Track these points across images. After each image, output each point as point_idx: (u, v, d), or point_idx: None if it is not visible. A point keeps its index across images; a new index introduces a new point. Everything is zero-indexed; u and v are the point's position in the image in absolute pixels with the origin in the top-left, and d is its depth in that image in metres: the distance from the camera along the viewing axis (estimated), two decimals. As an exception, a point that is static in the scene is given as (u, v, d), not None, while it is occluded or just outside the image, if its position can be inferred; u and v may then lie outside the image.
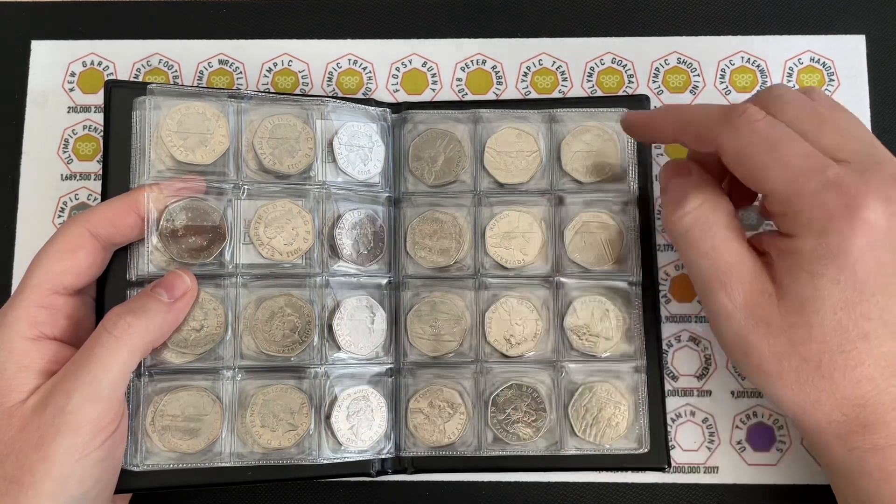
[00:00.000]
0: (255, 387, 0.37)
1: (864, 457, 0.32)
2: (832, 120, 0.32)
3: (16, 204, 0.43)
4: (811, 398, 0.32)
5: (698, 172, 0.35)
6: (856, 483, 0.32)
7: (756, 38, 0.44)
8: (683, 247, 0.34)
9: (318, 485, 0.40)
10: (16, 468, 0.31)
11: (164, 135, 0.37)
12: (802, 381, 0.32)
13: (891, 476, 0.31)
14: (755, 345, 0.32)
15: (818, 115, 0.32)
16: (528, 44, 0.44)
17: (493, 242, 0.39)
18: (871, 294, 0.31)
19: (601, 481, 0.40)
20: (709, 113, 0.33)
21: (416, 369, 0.39)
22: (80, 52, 0.44)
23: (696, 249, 0.33)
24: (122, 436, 0.34)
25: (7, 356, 0.33)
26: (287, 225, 0.37)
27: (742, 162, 0.32)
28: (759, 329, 0.32)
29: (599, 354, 0.39)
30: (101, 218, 0.35)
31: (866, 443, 0.32)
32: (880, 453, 0.31)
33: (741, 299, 0.32)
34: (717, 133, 0.32)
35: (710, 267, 0.33)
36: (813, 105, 0.33)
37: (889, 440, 0.31)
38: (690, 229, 0.33)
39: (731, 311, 0.32)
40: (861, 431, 0.32)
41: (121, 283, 0.36)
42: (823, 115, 0.32)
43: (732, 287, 0.32)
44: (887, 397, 0.31)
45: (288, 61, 0.44)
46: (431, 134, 0.40)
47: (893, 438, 0.31)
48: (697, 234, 0.33)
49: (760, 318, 0.32)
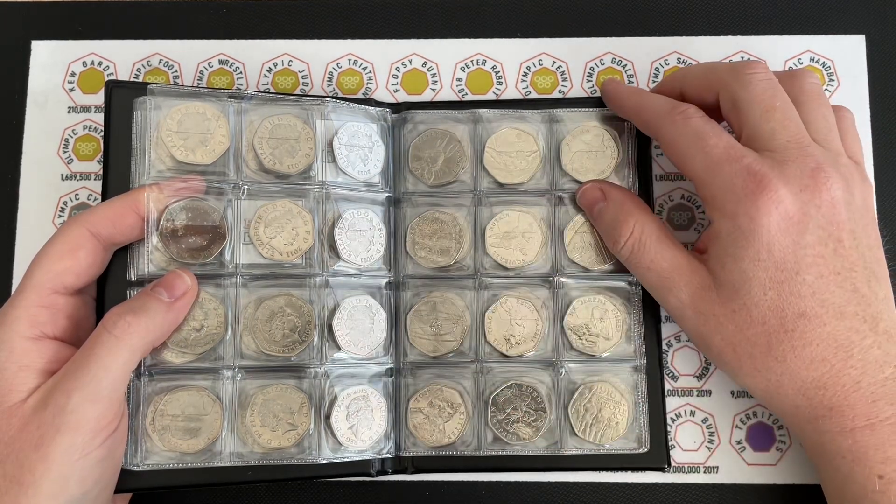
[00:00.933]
0: (255, 387, 0.37)
1: (834, 440, 0.33)
2: (782, 111, 0.34)
3: (16, 204, 0.43)
4: (772, 384, 0.34)
5: (610, 190, 0.38)
6: (832, 464, 0.34)
7: (756, 38, 0.44)
8: (631, 269, 0.37)
9: (318, 485, 0.41)
10: (16, 467, 0.31)
11: (164, 135, 0.37)
12: (759, 367, 0.34)
13: (863, 456, 0.32)
14: (709, 336, 0.35)
15: (770, 103, 0.34)
16: (528, 44, 0.44)
17: (492, 242, 0.39)
18: (794, 272, 0.33)
19: (601, 481, 0.40)
20: (658, 105, 0.37)
21: (416, 369, 0.39)
22: (80, 52, 0.44)
23: (640, 267, 0.36)
24: (123, 435, 0.34)
25: (7, 355, 0.33)
26: (287, 225, 0.37)
27: (673, 150, 0.36)
28: (709, 322, 0.34)
29: (599, 354, 0.39)
30: (101, 218, 0.35)
31: (834, 426, 0.33)
32: (849, 435, 0.33)
33: (687, 298, 0.35)
34: (658, 124, 0.36)
35: (655, 277, 0.36)
36: (773, 93, 0.35)
37: (856, 422, 0.32)
38: (630, 254, 0.37)
39: (682, 310, 0.35)
40: (827, 415, 0.33)
41: (121, 282, 0.36)
42: (774, 105, 0.34)
43: (678, 288, 0.35)
44: (846, 379, 0.33)
45: (288, 61, 0.44)
46: (431, 134, 0.40)
47: (861, 420, 0.32)
48: (637, 256, 0.36)
49: (707, 311, 0.34)
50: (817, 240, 0.33)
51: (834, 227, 0.33)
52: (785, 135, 0.34)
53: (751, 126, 0.34)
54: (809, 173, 0.33)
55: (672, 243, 0.36)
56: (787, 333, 0.33)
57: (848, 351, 0.33)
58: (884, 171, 0.42)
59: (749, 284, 0.33)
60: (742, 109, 0.35)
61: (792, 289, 0.33)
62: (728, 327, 0.34)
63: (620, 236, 0.37)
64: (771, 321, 0.33)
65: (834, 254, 0.33)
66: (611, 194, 0.38)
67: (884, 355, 0.33)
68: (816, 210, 0.33)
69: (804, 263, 0.33)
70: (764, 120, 0.34)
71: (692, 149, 0.34)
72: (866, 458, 0.32)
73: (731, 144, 0.34)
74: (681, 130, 0.35)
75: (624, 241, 0.37)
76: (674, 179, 0.43)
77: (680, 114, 0.35)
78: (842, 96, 0.43)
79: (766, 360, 0.33)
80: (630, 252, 0.37)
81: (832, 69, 0.44)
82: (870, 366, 0.33)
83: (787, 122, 0.34)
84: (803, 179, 0.33)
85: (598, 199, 0.38)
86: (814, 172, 0.33)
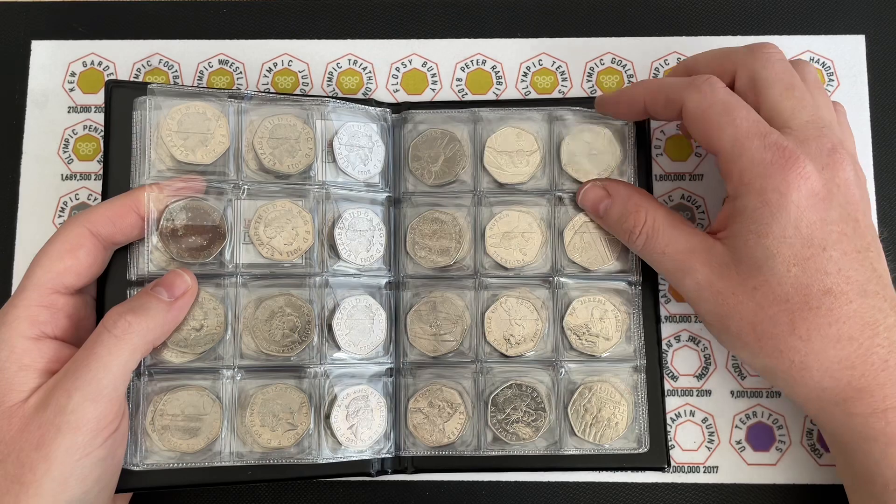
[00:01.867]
0: (255, 386, 0.37)
1: (866, 422, 0.32)
2: (800, 90, 0.34)
3: (16, 204, 0.43)
4: (796, 365, 0.33)
5: (613, 186, 0.38)
6: (862, 448, 0.33)
7: (756, 38, 0.44)
8: (646, 258, 0.37)
9: (317, 484, 0.41)
10: (17, 467, 0.31)
11: (164, 135, 0.37)
12: (782, 348, 0.33)
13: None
14: (729, 316, 0.34)
15: (790, 81, 0.34)
16: (528, 44, 0.44)
17: (492, 242, 0.39)
18: (820, 248, 0.32)
19: (601, 481, 0.40)
20: (677, 80, 0.36)
21: (416, 369, 0.39)
22: (80, 52, 0.44)
23: (655, 253, 0.36)
24: (123, 435, 0.34)
25: (8, 355, 0.33)
26: (287, 225, 0.37)
27: (700, 121, 0.35)
28: (728, 300, 0.34)
29: (599, 354, 0.39)
30: (101, 217, 0.35)
31: (865, 408, 0.32)
32: (882, 416, 0.32)
33: (704, 277, 0.34)
34: (683, 96, 0.35)
35: (671, 261, 0.36)
36: (791, 73, 0.35)
37: (888, 402, 0.32)
38: (644, 244, 0.37)
39: (700, 291, 0.35)
40: (857, 396, 0.32)
41: (121, 282, 0.36)
42: (794, 83, 0.35)
43: (694, 269, 0.35)
44: (875, 358, 0.32)
45: (288, 61, 0.44)
46: (431, 134, 0.40)
47: (893, 400, 0.32)
48: (652, 243, 0.36)
49: (726, 289, 0.34)
50: (840, 217, 0.33)
51: (851, 207, 0.33)
52: (805, 114, 0.34)
53: (771, 103, 0.34)
54: (828, 152, 0.33)
55: (685, 226, 0.36)
56: (811, 311, 0.32)
57: (874, 329, 0.32)
58: (884, 171, 0.42)
59: (773, 261, 0.32)
60: (762, 88, 0.35)
61: (818, 265, 0.32)
62: (748, 305, 0.33)
63: (634, 226, 0.37)
64: (794, 298, 0.32)
65: (854, 232, 0.33)
66: (615, 190, 0.38)
67: None
68: (837, 189, 0.33)
69: (830, 240, 0.32)
70: (785, 98, 0.34)
71: (721, 120, 0.34)
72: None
73: (759, 119, 0.34)
74: (709, 100, 0.34)
75: (639, 231, 0.36)
76: (674, 179, 0.43)
77: (706, 82, 0.35)
78: (842, 96, 0.43)
79: (789, 339, 0.33)
80: (645, 241, 0.36)
81: (832, 69, 0.44)
82: (895, 345, 0.32)
83: (805, 102, 0.34)
84: (823, 158, 0.33)
85: (602, 197, 0.38)
86: (831, 152, 0.33)
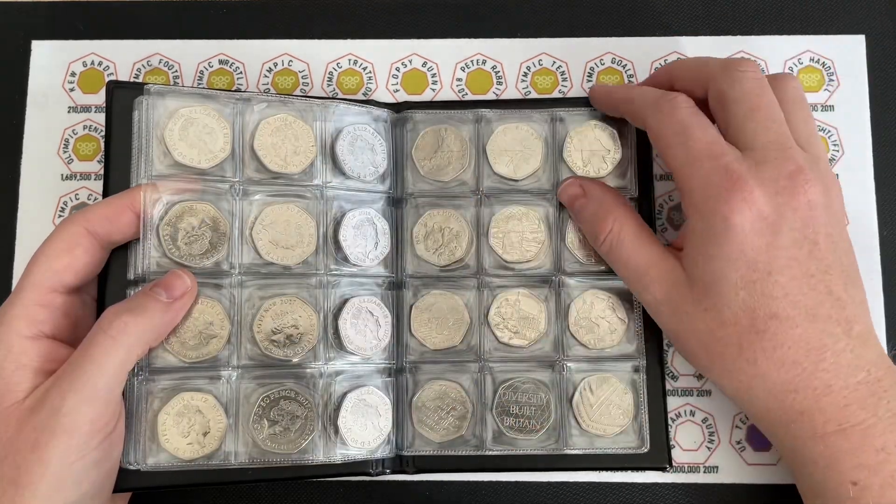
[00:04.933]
0: (255, 387, 0.37)
1: (806, 445, 0.33)
2: (767, 110, 0.34)
3: (16, 204, 0.43)
4: (743, 385, 0.33)
5: (589, 187, 0.38)
6: (805, 471, 0.33)
7: (756, 38, 0.44)
8: (610, 264, 0.38)
9: (317, 484, 0.40)
10: (13, 469, 0.31)
11: (164, 135, 0.37)
12: (731, 369, 0.33)
13: (836, 462, 0.32)
14: (683, 333, 0.34)
15: (755, 102, 0.34)
16: (528, 44, 0.44)
17: (494, 241, 0.39)
18: (766, 273, 0.32)
19: (601, 481, 0.40)
20: (647, 95, 0.36)
21: (417, 368, 0.39)
22: (80, 52, 0.44)
23: (618, 262, 0.37)
24: (120, 436, 0.34)
25: (5, 354, 0.33)
26: (288, 225, 0.37)
27: (658, 140, 0.35)
28: (682, 319, 0.34)
29: (601, 354, 0.39)
30: (97, 216, 0.35)
31: (806, 431, 0.32)
32: (821, 440, 0.32)
33: (661, 294, 0.35)
34: (646, 113, 0.36)
35: (632, 273, 0.36)
36: (761, 93, 0.34)
37: (828, 427, 0.32)
38: (609, 250, 0.37)
39: (657, 307, 0.35)
40: (798, 419, 0.32)
41: (121, 282, 0.36)
42: (760, 104, 0.34)
43: (652, 284, 0.35)
44: (818, 382, 0.32)
45: (288, 61, 0.44)
46: (431, 134, 0.40)
47: (832, 425, 0.32)
48: (615, 252, 0.36)
49: (680, 308, 0.34)
50: (791, 241, 0.32)
51: (810, 230, 0.32)
52: (766, 136, 0.33)
53: (735, 124, 0.34)
54: (787, 175, 0.32)
55: (649, 240, 0.36)
56: (758, 334, 0.32)
57: (820, 354, 0.32)
58: (884, 171, 0.42)
59: (721, 284, 0.33)
60: (728, 107, 0.34)
61: (764, 289, 0.32)
62: (700, 326, 0.33)
63: (600, 232, 0.37)
64: (742, 322, 0.32)
65: (809, 256, 0.32)
66: (590, 190, 0.38)
67: (856, 359, 0.32)
68: (792, 212, 0.32)
69: (777, 265, 0.32)
70: (748, 119, 0.34)
71: (675, 140, 0.34)
72: (839, 463, 0.32)
73: (715, 140, 0.34)
74: (667, 121, 0.35)
75: (603, 238, 0.37)
76: (674, 179, 0.43)
77: (668, 102, 0.35)
78: (841, 96, 0.43)
79: (736, 361, 0.33)
80: (609, 248, 0.37)
81: (832, 69, 0.44)
82: (842, 370, 0.32)
83: (769, 124, 0.34)
84: (780, 181, 0.32)
85: (577, 195, 0.38)
86: (792, 174, 0.32)
